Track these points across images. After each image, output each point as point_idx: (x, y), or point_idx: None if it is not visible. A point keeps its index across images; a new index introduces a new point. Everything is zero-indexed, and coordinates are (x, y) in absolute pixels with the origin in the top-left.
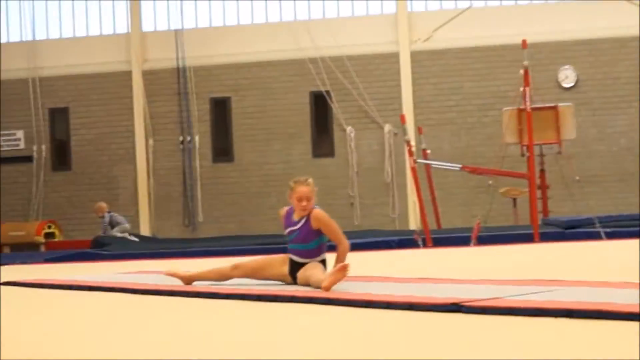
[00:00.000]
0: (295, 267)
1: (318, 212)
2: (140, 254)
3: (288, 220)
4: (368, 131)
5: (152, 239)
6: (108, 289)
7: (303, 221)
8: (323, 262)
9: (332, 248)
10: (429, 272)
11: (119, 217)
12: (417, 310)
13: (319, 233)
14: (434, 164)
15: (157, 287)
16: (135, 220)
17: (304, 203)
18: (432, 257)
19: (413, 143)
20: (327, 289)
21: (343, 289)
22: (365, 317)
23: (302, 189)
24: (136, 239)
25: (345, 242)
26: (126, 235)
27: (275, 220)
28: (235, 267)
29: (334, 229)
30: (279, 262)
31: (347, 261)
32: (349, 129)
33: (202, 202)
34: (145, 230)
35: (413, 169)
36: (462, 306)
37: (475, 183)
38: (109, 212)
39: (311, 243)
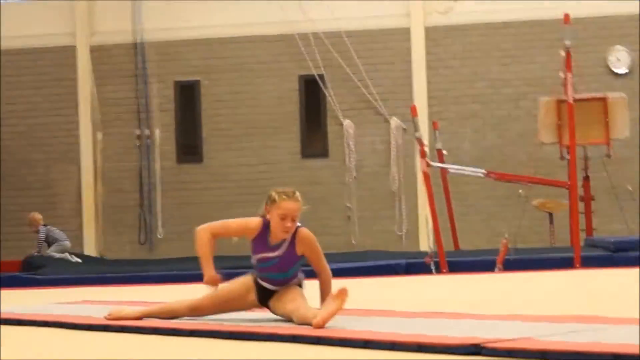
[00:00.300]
0: (266, 294)
1: (306, 233)
2: (83, 279)
3: (261, 242)
4: (371, 126)
5: (99, 260)
6: (41, 323)
7: (285, 246)
8: (300, 285)
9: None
10: (443, 305)
11: (57, 232)
12: (428, 352)
13: (300, 257)
14: (452, 168)
15: (103, 321)
16: (78, 236)
17: (289, 224)
18: (447, 285)
19: (426, 142)
20: (320, 326)
21: (337, 325)
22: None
23: (289, 205)
24: (79, 260)
25: (329, 270)
26: (66, 255)
27: None
28: (193, 309)
29: (321, 254)
30: (244, 289)
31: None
32: (346, 122)
33: (162, 213)
34: (90, 248)
35: (425, 175)
36: (483, 348)
37: (502, 193)
38: (45, 225)
39: (291, 270)
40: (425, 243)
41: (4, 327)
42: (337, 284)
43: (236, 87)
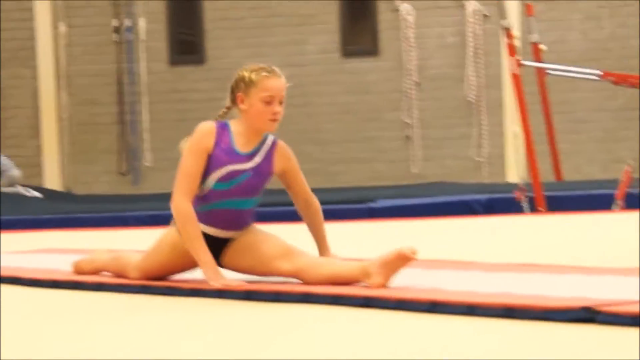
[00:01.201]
0: (215, 245)
1: (284, 144)
2: (43, 221)
3: (225, 151)
4: (438, 12)
5: (65, 195)
6: None
7: (261, 156)
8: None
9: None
10: (538, 255)
11: (3, 160)
12: (519, 317)
13: (269, 179)
14: (553, 68)
15: (71, 277)
16: (35, 164)
17: (277, 108)
18: (545, 229)
19: (517, 32)
20: (382, 286)
21: (395, 282)
22: (429, 328)
23: (275, 83)
24: (37, 195)
25: (317, 201)
26: (18, 188)
27: None
28: (134, 267)
29: (302, 176)
30: (177, 252)
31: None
32: (405, 8)
33: (150, 133)
34: (52, 180)
35: (515, 78)
36: (599, 312)
37: (623, 103)
38: None
39: (255, 198)
40: (514, 172)
41: None
42: (394, 225)
43: None
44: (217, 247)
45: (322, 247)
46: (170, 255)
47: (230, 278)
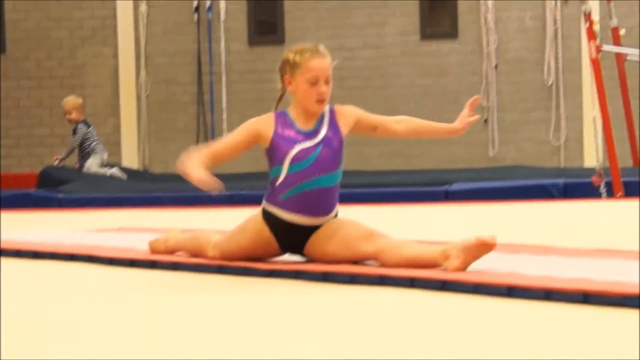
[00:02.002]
0: (296, 236)
1: (342, 106)
2: (121, 200)
3: (288, 134)
4: None
5: (143, 174)
6: (64, 256)
7: (326, 126)
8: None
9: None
10: (617, 240)
11: (95, 139)
12: (596, 303)
13: (344, 143)
14: (632, 53)
15: (147, 256)
16: (114, 142)
17: (324, 89)
18: (622, 214)
19: (596, 17)
20: (461, 269)
21: (473, 266)
22: (506, 312)
23: (320, 63)
24: (124, 176)
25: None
26: (113, 170)
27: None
28: (214, 245)
29: (373, 115)
30: (261, 241)
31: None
32: None
33: (229, 113)
34: (131, 159)
35: (595, 62)
36: None
37: None
38: (85, 121)
39: (339, 169)
40: (593, 157)
41: (5, 260)
42: (470, 208)
43: None
44: (303, 236)
45: (440, 127)
46: (254, 242)
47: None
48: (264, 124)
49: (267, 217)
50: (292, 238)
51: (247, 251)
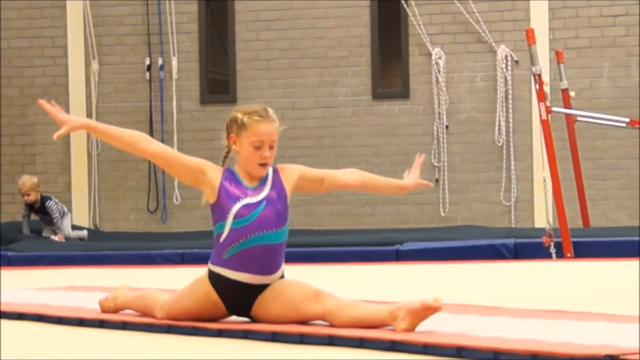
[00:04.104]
0: (244, 297)
1: (285, 165)
2: (70, 258)
3: (232, 188)
4: (469, 56)
5: (94, 232)
6: (13, 315)
7: (269, 184)
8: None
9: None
10: (565, 301)
11: (56, 204)
12: None
13: (288, 199)
14: (582, 115)
15: (97, 314)
16: (65, 200)
17: (267, 153)
18: (572, 275)
19: (547, 79)
20: (410, 330)
21: (421, 326)
22: None
23: (266, 128)
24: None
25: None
26: (84, 233)
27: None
28: (161, 306)
29: (315, 169)
30: (209, 303)
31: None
32: (436, 52)
33: None
34: (81, 217)
35: (545, 124)
36: None
37: None
38: (45, 197)
39: (285, 227)
40: (543, 217)
41: None
42: (421, 268)
43: (283, 2)
44: (250, 297)
45: (390, 182)
46: (200, 305)
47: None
48: (213, 170)
49: (213, 278)
50: (238, 299)
51: (194, 313)
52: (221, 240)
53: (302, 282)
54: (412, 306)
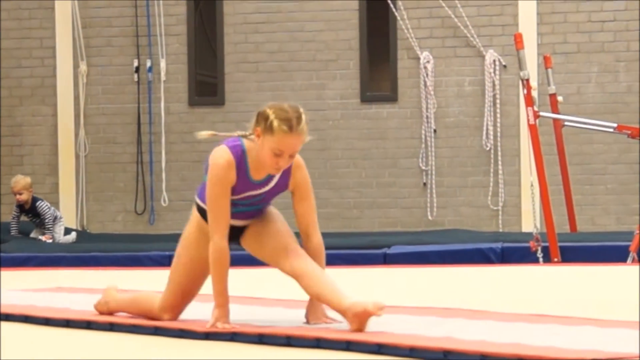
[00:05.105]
0: (232, 232)
1: (300, 159)
2: (57, 259)
3: (243, 179)
4: (457, 61)
5: (82, 233)
6: (2, 316)
7: (275, 178)
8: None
9: None
10: (551, 305)
11: (49, 208)
12: None
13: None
14: (570, 120)
15: (85, 316)
16: (52, 201)
17: (283, 164)
18: (558, 279)
19: (535, 83)
20: (360, 331)
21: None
22: None
23: (290, 141)
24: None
25: (320, 239)
26: (73, 236)
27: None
28: (163, 309)
29: (312, 196)
30: (204, 240)
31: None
32: (424, 55)
33: (168, 173)
34: (69, 218)
35: (533, 129)
36: None
37: (637, 156)
38: (37, 198)
39: (270, 201)
40: (530, 222)
41: None
42: (408, 271)
43: (272, 4)
44: (239, 232)
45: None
46: (197, 241)
47: (234, 324)
48: (231, 173)
49: (203, 212)
50: (229, 233)
51: (195, 260)
52: None
53: (279, 222)
54: (356, 310)
